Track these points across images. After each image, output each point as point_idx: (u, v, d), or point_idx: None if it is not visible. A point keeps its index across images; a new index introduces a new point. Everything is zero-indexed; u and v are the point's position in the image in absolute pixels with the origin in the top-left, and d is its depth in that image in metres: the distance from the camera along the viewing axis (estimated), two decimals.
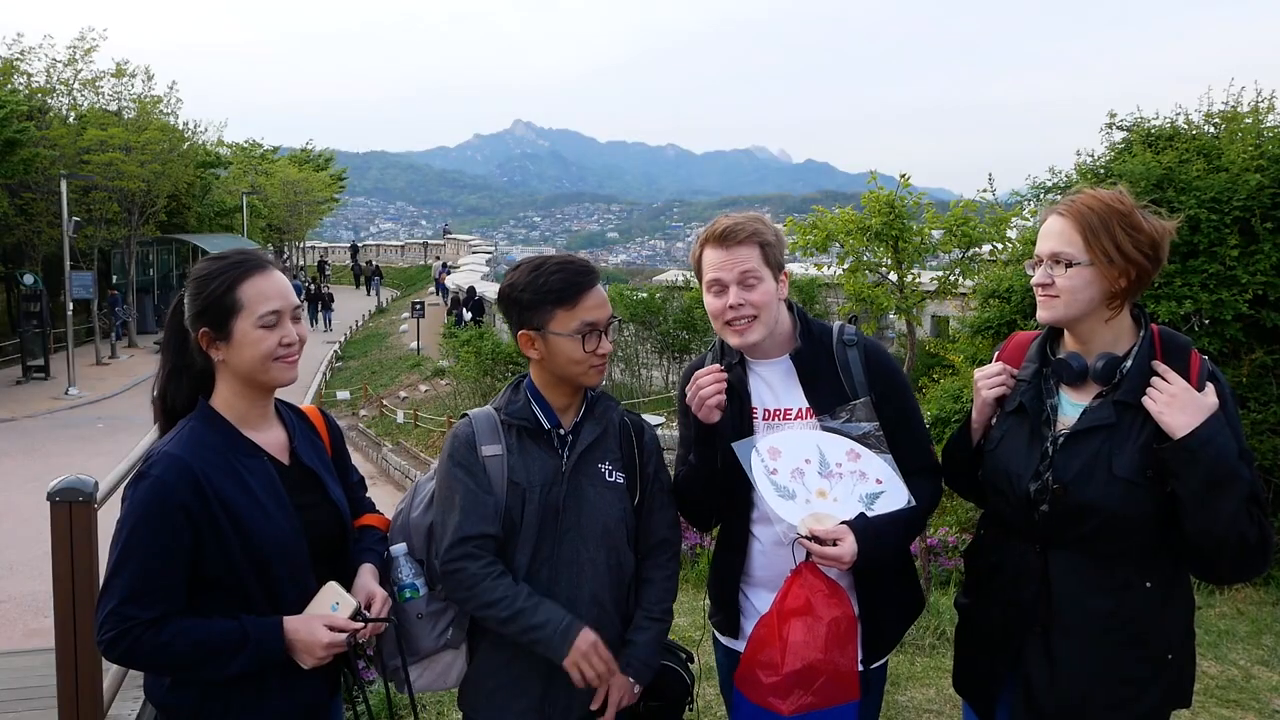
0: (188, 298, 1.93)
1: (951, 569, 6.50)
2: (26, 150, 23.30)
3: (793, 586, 2.05)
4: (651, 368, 22.32)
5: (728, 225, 2.16)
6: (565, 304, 2.07)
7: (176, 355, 1.97)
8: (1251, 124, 6.75)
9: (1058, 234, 1.95)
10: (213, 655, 1.81)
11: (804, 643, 1.98)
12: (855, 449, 2.14)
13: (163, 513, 1.79)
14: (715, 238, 2.17)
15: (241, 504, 1.86)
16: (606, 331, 2.12)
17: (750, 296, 2.13)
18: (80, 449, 16.13)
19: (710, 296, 2.18)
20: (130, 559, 1.79)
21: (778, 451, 2.12)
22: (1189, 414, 1.81)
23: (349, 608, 1.92)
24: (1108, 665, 1.94)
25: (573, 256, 2.18)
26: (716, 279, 2.15)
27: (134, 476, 1.85)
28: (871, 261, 5.33)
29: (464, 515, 2.08)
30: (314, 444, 2.11)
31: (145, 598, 1.78)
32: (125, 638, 1.78)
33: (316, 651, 1.87)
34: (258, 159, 47.40)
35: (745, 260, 2.13)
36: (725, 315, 2.15)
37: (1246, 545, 1.81)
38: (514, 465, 2.11)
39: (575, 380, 2.14)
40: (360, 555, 2.11)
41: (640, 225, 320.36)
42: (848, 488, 2.09)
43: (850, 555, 1.99)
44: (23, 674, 4.45)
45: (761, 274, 2.14)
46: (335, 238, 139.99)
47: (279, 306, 1.91)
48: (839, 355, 2.22)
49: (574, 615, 2.05)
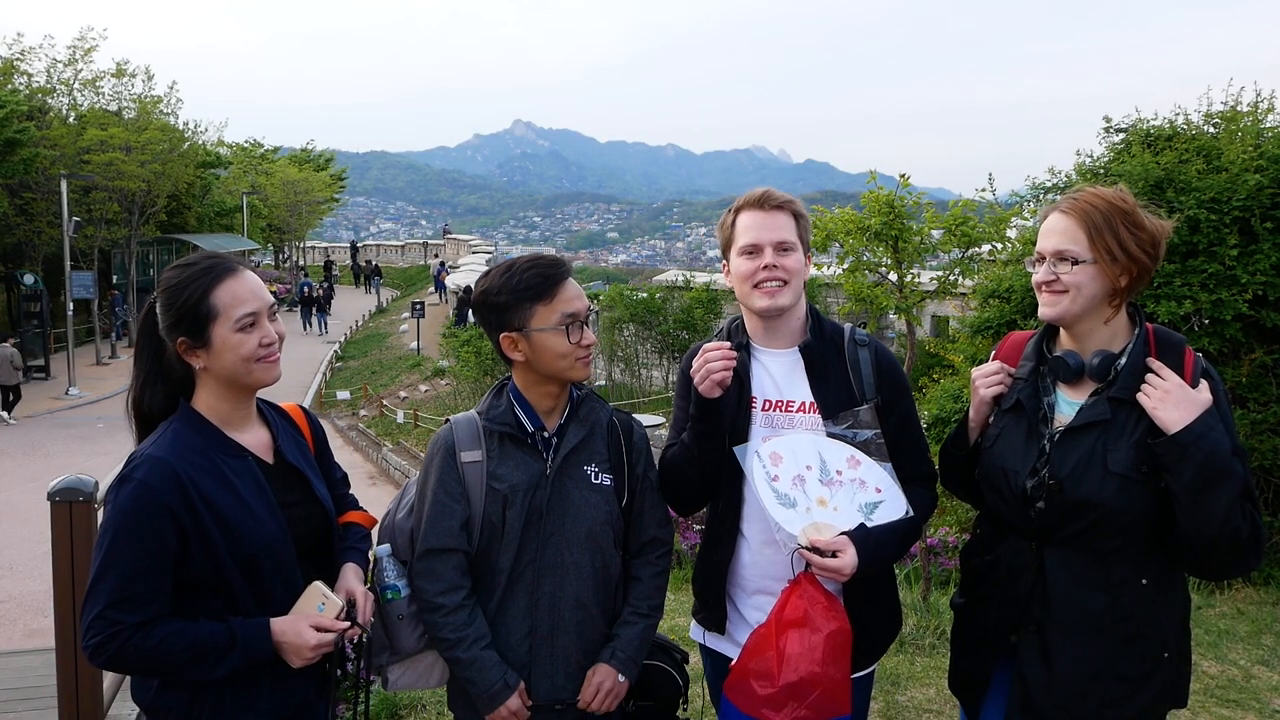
0: (160, 308, 1.91)
1: (951, 569, 6.50)
2: (26, 150, 23.29)
3: (791, 597, 2.03)
4: (651, 368, 22.31)
5: (766, 190, 2.20)
6: (543, 299, 2.08)
7: (152, 363, 1.95)
8: (1251, 124, 6.74)
9: (1061, 231, 1.95)
10: (200, 658, 1.81)
11: (801, 655, 1.97)
12: (856, 455, 2.13)
13: (148, 516, 1.78)
14: (753, 202, 2.19)
15: (227, 504, 1.85)
16: (587, 322, 2.13)
17: (784, 261, 2.14)
18: (80, 449, 16.14)
19: (742, 260, 2.18)
20: (115, 563, 1.77)
21: (779, 457, 2.11)
22: (1182, 410, 1.83)
23: (335, 608, 1.93)
24: (1103, 663, 1.94)
25: (541, 254, 2.20)
26: (752, 242, 2.16)
27: (116, 480, 1.84)
28: (871, 261, 5.32)
29: (429, 526, 2.11)
30: (297, 442, 2.11)
31: (132, 602, 1.77)
32: (112, 642, 1.77)
33: (304, 653, 1.88)
34: (258, 159, 47.40)
35: (782, 226, 2.16)
36: (757, 277, 2.15)
37: (1239, 540, 1.82)
38: (494, 471, 2.12)
39: (563, 375, 2.13)
40: (344, 554, 2.11)
41: (640, 225, 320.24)
42: (848, 496, 2.08)
43: (850, 567, 1.98)
44: (23, 674, 4.46)
45: (795, 244, 2.17)
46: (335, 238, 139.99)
47: (255, 308, 1.90)
48: (850, 354, 2.22)
49: (509, 676, 2.08)
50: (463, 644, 2.07)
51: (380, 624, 2.14)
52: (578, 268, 15.26)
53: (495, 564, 2.12)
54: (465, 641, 2.08)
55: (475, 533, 2.11)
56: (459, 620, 2.08)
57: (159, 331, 1.93)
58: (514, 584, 2.12)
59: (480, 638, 2.09)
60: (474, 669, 2.07)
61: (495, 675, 2.07)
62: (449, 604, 2.09)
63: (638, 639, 2.21)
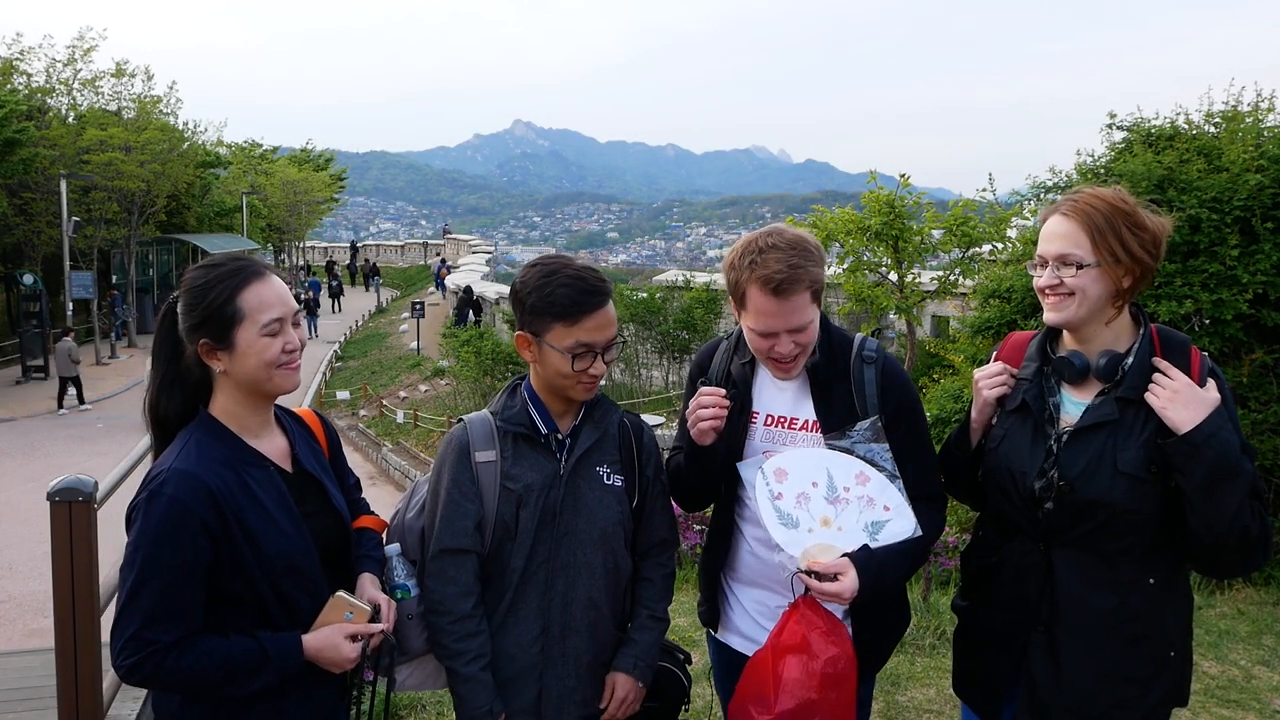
0: (183, 309, 1.87)
1: (951, 569, 6.50)
2: (26, 150, 23.30)
3: (789, 622, 1.99)
4: (651, 368, 22.31)
5: (783, 275, 1.98)
6: (565, 320, 2.01)
7: (170, 365, 1.92)
8: (1252, 124, 6.75)
9: (1064, 235, 1.93)
10: (233, 676, 1.78)
11: (798, 681, 1.93)
12: (865, 471, 2.08)
13: (182, 532, 1.74)
14: (769, 287, 1.99)
15: (254, 517, 1.82)
16: (606, 353, 2.06)
17: (799, 339, 2.07)
18: (80, 449, 16.15)
19: (755, 335, 2.09)
20: (149, 581, 1.73)
21: (784, 473, 2.07)
22: (1192, 409, 1.82)
23: (363, 615, 1.92)
24: (1112, 664, 1.94)
25: (589, 270, 2.08)
26: (767, 330, 2.05)
27: (146, 496, 1.79)
28: (871, 261, 5.33)
29: (443, 526, 2.09)
30: (313, 449, 2.09)
31: (166, 620, 1.73)
32: (147, 663, 1.73)
33: (345, 665, 1.88)
34: (257, 159, 47.42)
35: (798, 310, 2.02)
36: (772, 354, 2.09)
37: (1248, 539, 1.82)
38: (508, 471, 2.10)
39: (563, 393, 2.11)
40: (359, 563, 2.09)
41: (640, 225, 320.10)
42: (853, 515, 2.04)
43: (850, 592, 1.94)
44: (23, 674, 4.45)
45: (812, 316, 2.07)
46: (335, 238, 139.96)
47: (281, 314, 1.87)
48: (855, 371, 2.17)
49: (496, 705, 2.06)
50: (463, 657, 2.06)
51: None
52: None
53: (507, 564, 2.11)
54: (466, 655, 2.06)
55: (488, 533, 2.10)
56: (464, 630, 2.07)
57: (179, 332, 1.89)
58: (526, 584, 2.10)
59: (481, 655, 2.07)
60: (468, 686, 2.06)
61: (485, 700, 2.05)
62: (458, 611, 2.07)
63: (655, 645, 2.21)
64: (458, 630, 2.07)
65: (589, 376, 2.06)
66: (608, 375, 11.40)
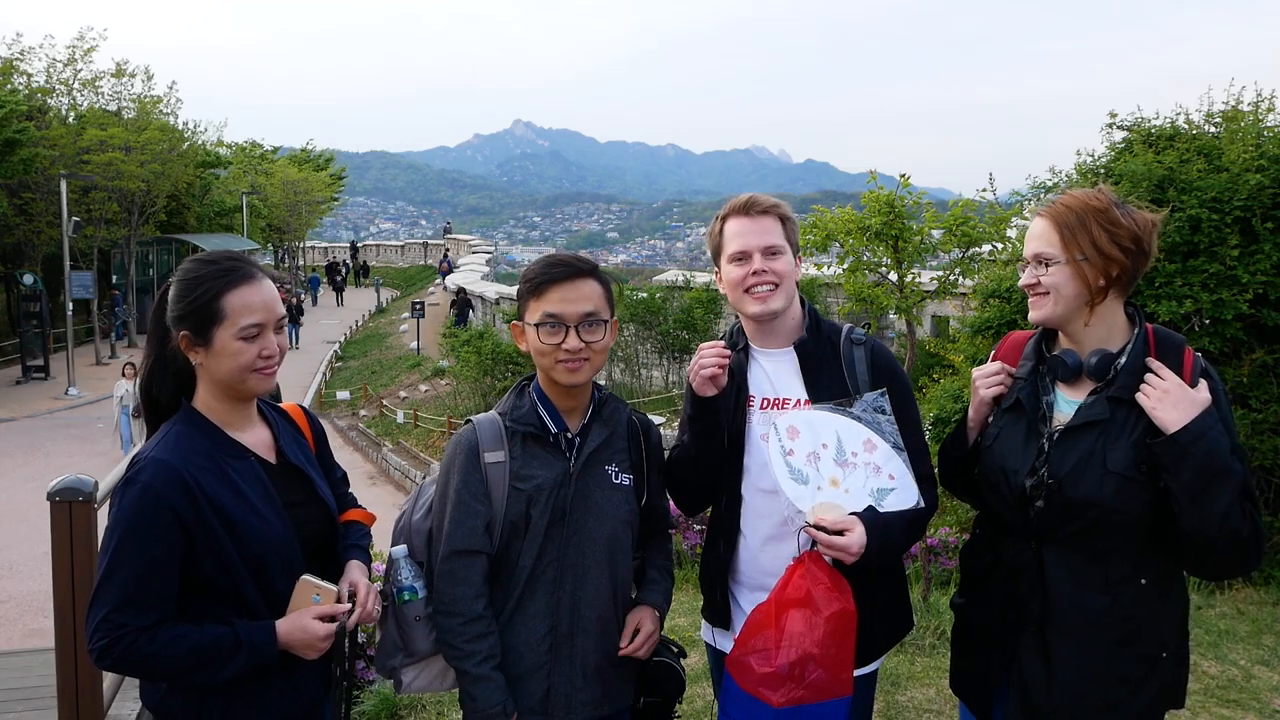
0: (172, 297, 1.92)
1: (951, 569, 6.50)
2: (26, 150, 23.29)
3: (794, 576, 2.02)
4: (651, 368, 22.30)
5: (751, 196, 2.23)
6: (535, 294, 2.10)
7: (158, 348, 1.97)
8: (1252, 124, 6.75)
9: (1038, 235, 2.00)
10: (205, 662, 1.80)
11: (801, 634, 1.95)
12: (872, 439, 2.11)
13: (153, 519, 1.78)
14: (739, 209, 2.22)
15: (233, 506, 1.85)
16: (579, 328, 2.07)
17: (773, 265, 2.17)
18: (80, 449, 16.16)
19: (732, 266, 2.21)
20: (121, 566, 1.77)
21: (796, 431, 2.11)
22: (1181, 409, 1.83)
23: (330, 596, 1.93)
24: (1103, 664, 1.94)
25: (574, 255, 2.18)
26: (741, 249, 2.18)
27: (121, 483, 1.84)
28: (871, 261, 5.32)
29: (453, 528, 2.10)
30: (299, 442, 2.11)
31: (138, 605, 1.77)
32: (118, 645, 1.76)
33: (318, 645, 1.89)
34: (258, 159, 47.41)
35: (769, 231, 2.18)
36: (747, 282, 2.17)
37: (1239, 540, 1.82)
38: (517, 471, 2.11)
39: (548, 374, 2.13)
40: (346, 552, 2.10)
41: (640, 225, 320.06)
42: (860, 480, 2.08)
43: (858, 546, 1.97)
44: (23, 674, 4.46)
45: (783, 247, 2.19)
46: (335, 238, 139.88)
47: (262, 320, 1.89)
48: (845, 351, 2.23)
49: (508, 704, 2.07)
50: (474, 657, 2.06)
51: (395, 626, 2.13)
52: None
53: (515, 563, 2.11)
54: (478, 656, 2.06)
55: (496, 533, 2.11)
56: (476, 631, 2.07)
57: (166, 320, 1.93)
58: (534, 583, 2.11)
59: (492, 655, 2.08)
60: (480, 686, 2.06)
61: (497, 699, 2.06)
62: (470, 613, 2.07)
63: (669, 592, 2.31)
64: (469, 631, 2.07)
65: (564, 352, 2.07)
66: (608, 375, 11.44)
